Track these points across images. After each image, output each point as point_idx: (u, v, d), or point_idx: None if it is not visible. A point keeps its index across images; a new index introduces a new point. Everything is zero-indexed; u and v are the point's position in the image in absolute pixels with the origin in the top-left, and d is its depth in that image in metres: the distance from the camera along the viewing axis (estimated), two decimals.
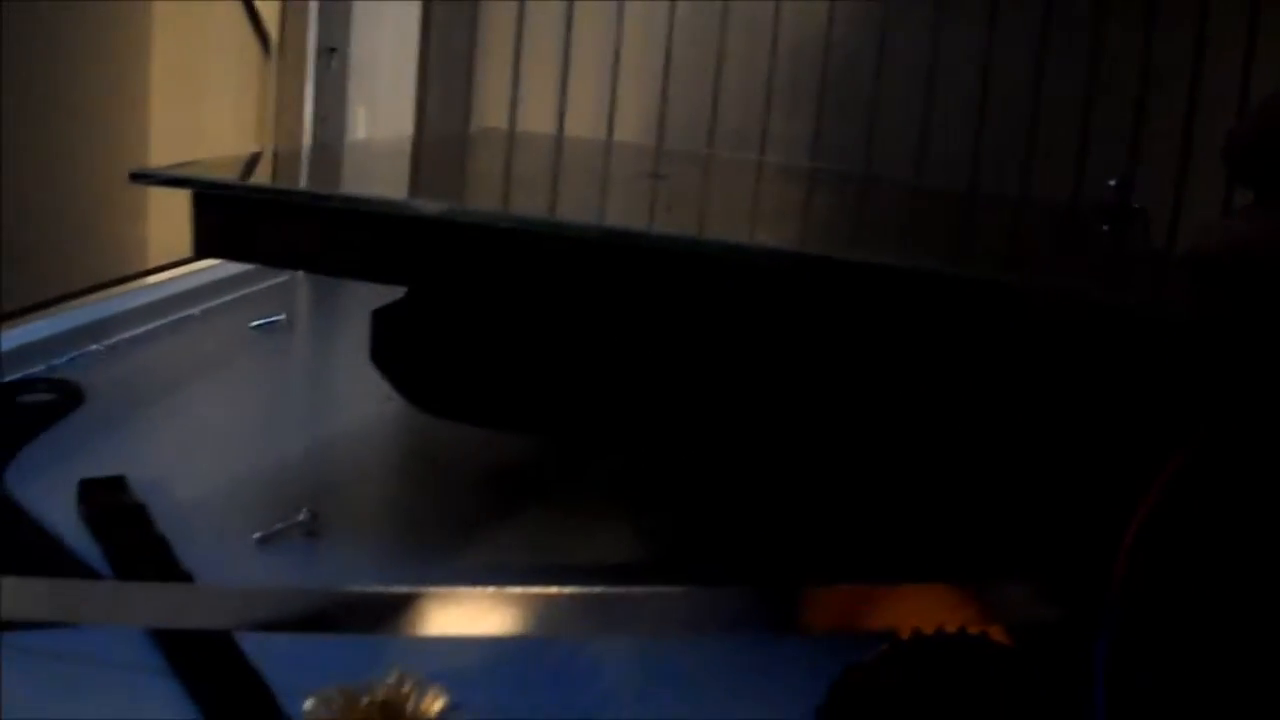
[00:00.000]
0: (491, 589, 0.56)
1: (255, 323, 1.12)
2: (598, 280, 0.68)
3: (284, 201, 0.73)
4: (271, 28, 1.30)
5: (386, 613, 0.57)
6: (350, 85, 1.34)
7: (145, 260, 1.16)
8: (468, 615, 0.57)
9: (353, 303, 1.16)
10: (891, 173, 1.21)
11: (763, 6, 1.24)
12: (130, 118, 1.12)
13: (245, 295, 1.20)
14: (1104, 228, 0.98)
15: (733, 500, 0.80)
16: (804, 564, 0.72)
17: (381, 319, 0.79)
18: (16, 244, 0.99)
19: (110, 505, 0.75)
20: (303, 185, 0.89)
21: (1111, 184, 1.06)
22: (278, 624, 0.59)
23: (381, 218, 0.71)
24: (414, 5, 1.33)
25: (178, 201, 0.77)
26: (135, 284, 1.14)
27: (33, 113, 1.00)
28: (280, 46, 1.30)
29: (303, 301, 1.24)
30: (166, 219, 1.12)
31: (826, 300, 0.66)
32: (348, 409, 1.00)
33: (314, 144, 1.30)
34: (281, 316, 1.14)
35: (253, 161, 1.08)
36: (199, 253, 0.74)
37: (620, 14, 1.27)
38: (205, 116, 1.24)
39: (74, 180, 1.06)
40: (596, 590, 0.56)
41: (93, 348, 1.02)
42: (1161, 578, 0.48)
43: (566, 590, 0.55)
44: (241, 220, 0.73)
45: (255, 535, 0.73)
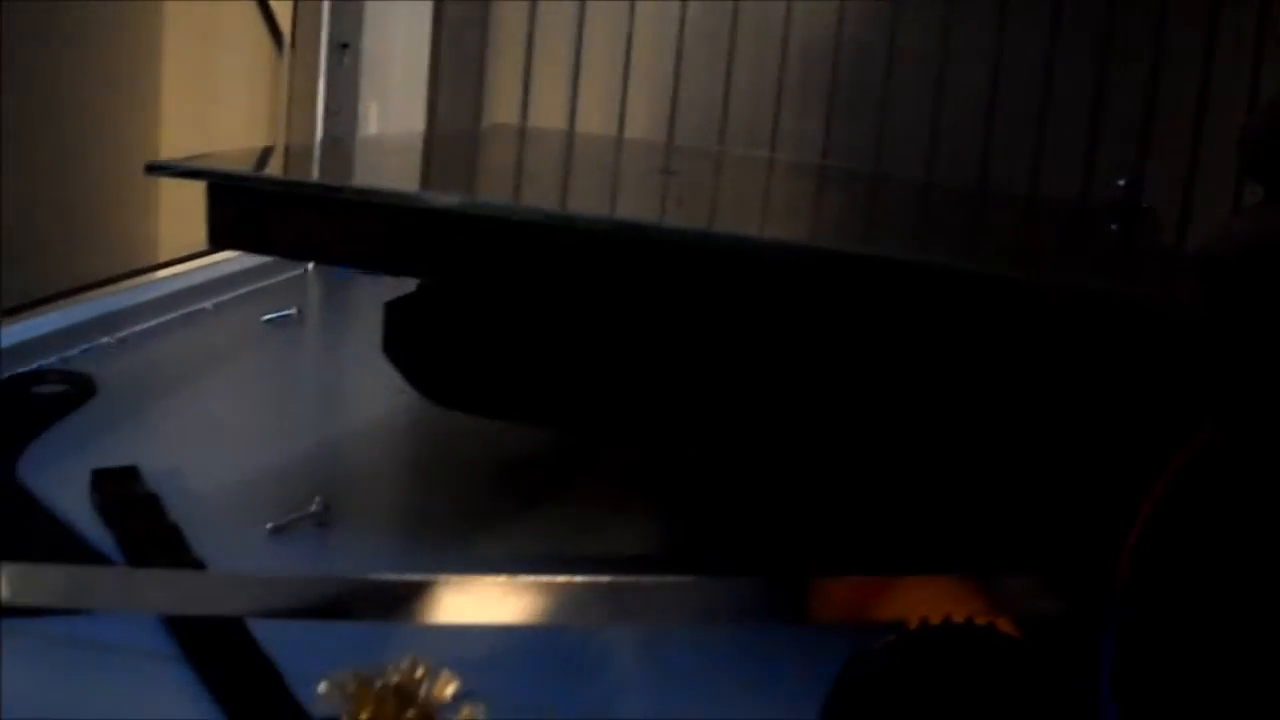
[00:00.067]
0: (502, 578, 0.56)
1: (267, 316, 1.13)
2: (609, 273, 0.69)
3: (298, 193, 0.74)
4: (284, 23, 1.30)
5: (398, 601, 0.57)
6: (362, 81, 1.34)
7: (156, 256, 1.16)
8: (479, 603, 0.57)
9: (364, 297, 1.17)
10: (901, 171, 1.21)
11: (774, 5, 1.24)
12: (142, 114, 1.12)
13: (257, 289, 1.20)
14: (1113, 226, 0.99)
15: (743, 492, 0.80)
16: (814, 556, 0.72)
17: (394, 311, 0.79)
18: (29, 238, 0.99)
19: (123, 495, 0.75)
20: (316, 177, 0.90)
21: (1121, 183, 1.06)
22: (290, 611, 0.60)
23: (395, 209, 0.71)
24: (426, 2, 1.32)
25: (188, 197, 0.77)
26: (147, 278, 1.15)
27: (45, 108, 1.00)
28: (293, 42, 1.31)
29: (314, 296, 1.24)
30: (177, 215, 1.12)
31: (836, 294, 0.66)
32: (359, 401, 1.01)
33: (326, 138, 1.30)
34: (293, 310, 1.14)
35: (266, 154, 1.08)
36: (214, 243, 0.74)
37: (631, 11, 1.27)
38: (217, 112, 1.24)
39: (86, 176, 1.06)
40: (607, 579, 0.56)
41: (105, 340, 1.03)
42: (1167, 571, 0.49)
43: (577, 579, 0.55)
44: (256, 211, 0.73)
45: (268, 525, 0.73)
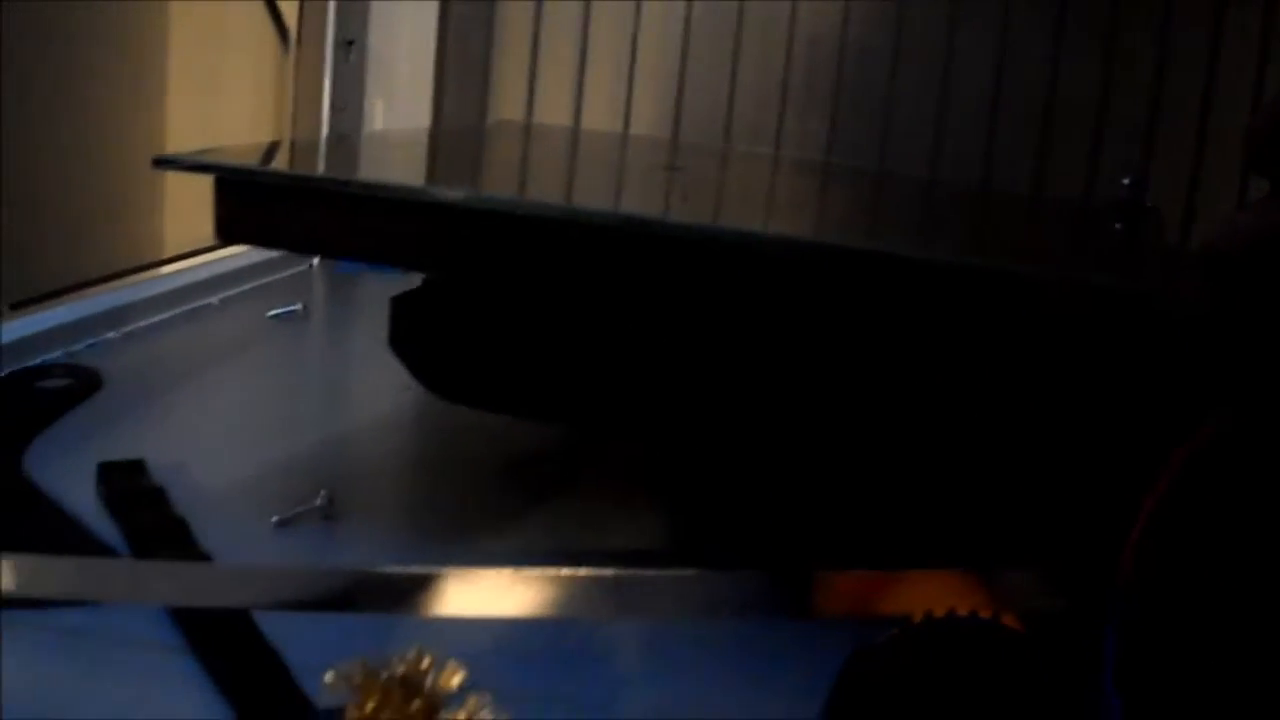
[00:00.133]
0: (506, 570, 0.57)
1: (272, 312, 1.13)
2: (615, 267, 0.69)
3: (306, 187, 0.74)
4: (290, 21, 1.30)
5: (403, 593, 0.57)
6: (368, 78, 1.34)
7: (161, 253, 1.16)
8: (483, 596, 0.58)
9: (369, 294, 1.17)
10: (906, 170, 1.21)
11: (779, 5, 1.24)
12: (148, 111, 1.12)
13: (262, 285, 1.20)
14: (1117, 225, 0.99)
15: (748, 486, 0.80)
16: (818, 550, 0.72)
17: (400, 305, 0.79)
18: (35, 234, 0.99)
19: (129, 488, 0.75)
20: (323, 172, 0.90)
21: (1125, 182, 1.06)
22: (295, 604, 0.60)
23: (402, 203, 0.71)
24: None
25: (193, 194, 0.77)
26: (152, 273, 1.15)
27: (51, 105, 1.00)
28: (298, 39, 1.31)
29: (319, 292, 1.24)
30: (182, 212, 1.12)
31: (841, 289, 0.67)
32: (364, 396, 1.01)
33: (332, 134, 1.30)
34: (298, 306, 1.14)
35: (273, 149, 1.08)
36: (220, 237, 0.74)
37: (637, 10, 1.27)
38: (223, 110, 1.24)
39: (92, 172, 1.06)
40: (611, 572, 0.56)
41: (110, 335, 1.03)
42: (1170, 566, 0.49)
43: (582, 572, 0.56)
44: (263, 205, 0.73)
45: (273, 519, 0.73)
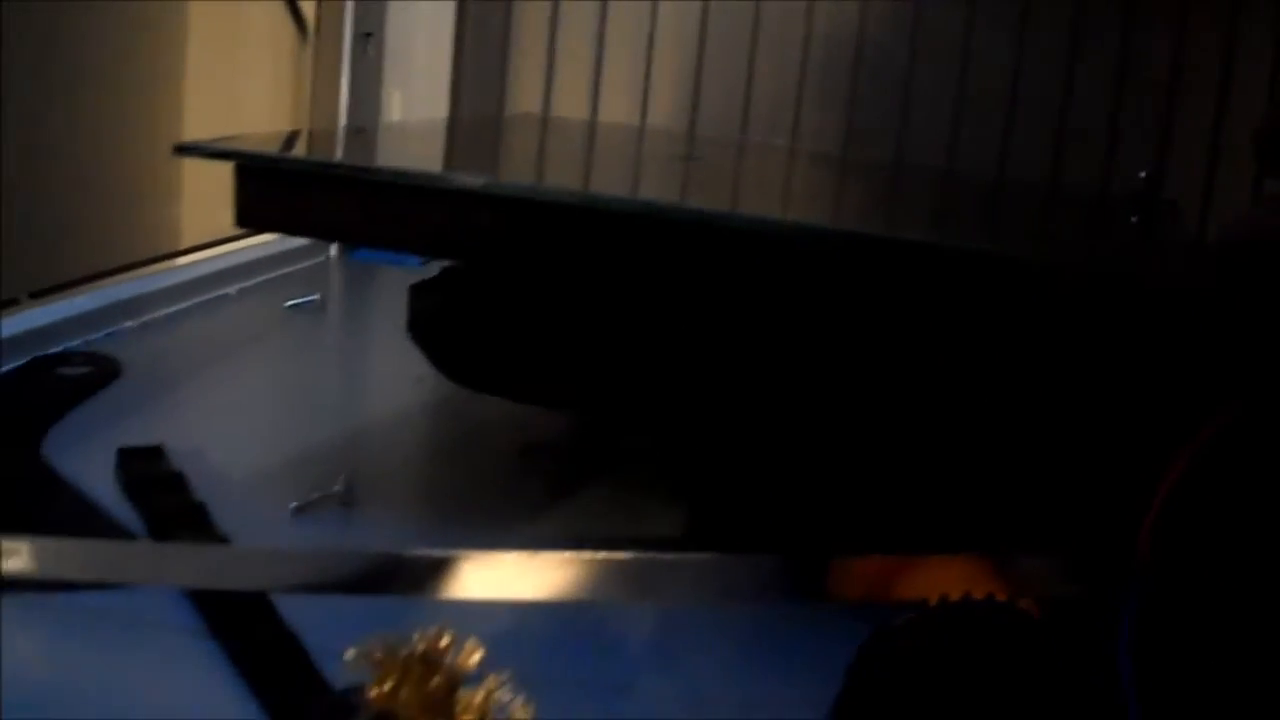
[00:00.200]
0: (525, 553, 0.57)
1: (290, 303, 1.13)
2: (634, 254, 0.69)
3: (327, 173, 0.74)
4: (308, 13, 1.30)
5: (421, 576, 0.58)
6: (386, 72, 1.34)
7: (179, 243, 1.16)
8: (501, 579, 0.58)
9: (386, 285, 1.17)
10: (922, 163, 1.21)
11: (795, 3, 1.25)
12: (167, 104, 1.12)
13: (280, 276, 1.21)
14: (1133, 218, 0.99)
15: (765, 473, 0.80)
16: (836, 536, 0.72)
17: (419, 293, 0.79)
18: (54, 224, 1.00)
19: (148, 473, 0.76)
20: (343, 159, 0.90)
21: (1142, 175, 1.06)
22: (315, 586, 0.60)
23: (422, 190, 0.71)
24: None
25: (211, 186, 0.77)
26: (170, 263, 1.15)
27: (71, 97, 1.01)
28: (317, 32, 1.31)
29: (337, 283, 1.24)
30: (200, 203, 1.13)
31: (858, 276, 0.67)
32: (382, 385, 1.01)
33: (351, 124, 1.30)
34: (316, 297, 1.15)
35: (292, 138, 1.09)
36: (241, 224, 0.75)
37: (654, 5, 1.28)
38: (242, 102, 1.24)
39: (111, 164, 1.07)
40: (629, 556, 0.56)
41: (128, 324, 1.03)
42: (1186, 550, 0.49)
43: (600, 556, 0.56)
44: (284, 192, 0.73)
45: (291, 505, 0.74)
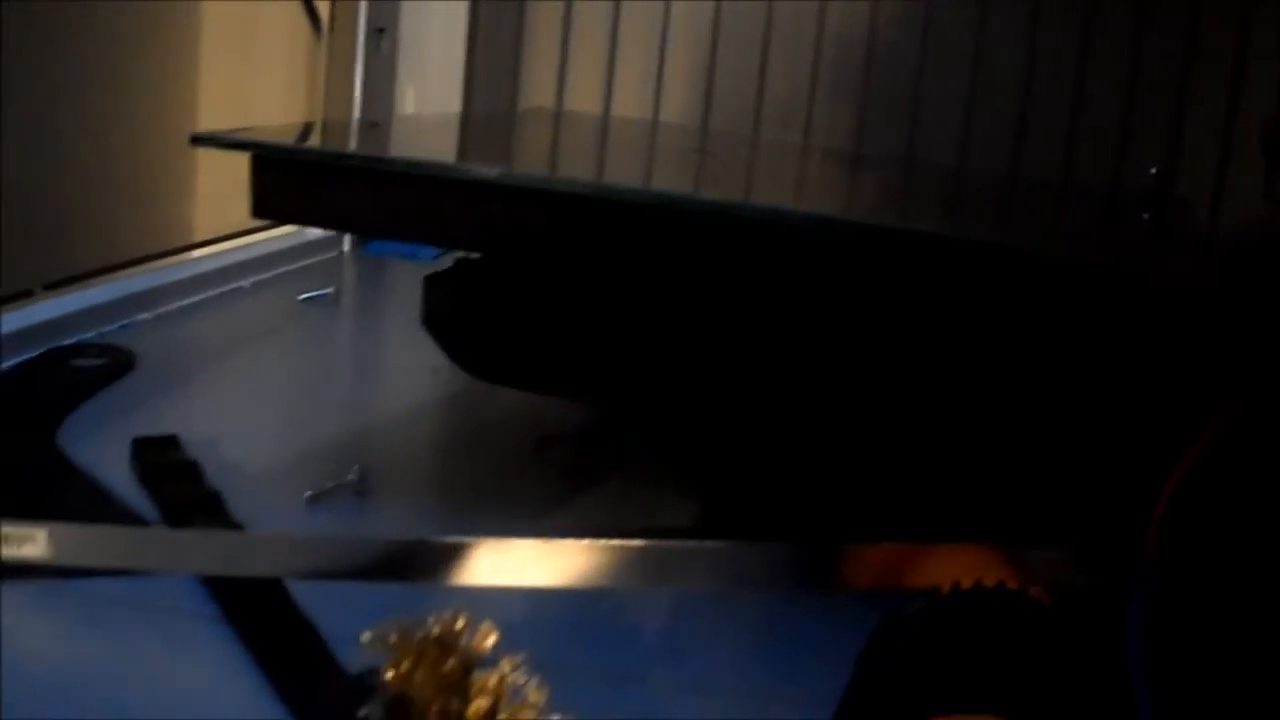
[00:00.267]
0: (540, 540, 0.57)
1: (304, 295, 1.14)
2: (649, 245, 0.69)
3: (343, 164, 0.74)
4: (322, 8, 1.31)
5: (435, 562, 0.58)
6: (399, 67, 1.35)
7: (192, 237, 1.17)
8: (514, 566, 0.58)
9: (400, 279, 1.18)
10: (934, 160, 1.21)
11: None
12: (181, 99, 1.13)
13: (294, 270, 1.21)
14: (1144, 215, 0.99)
15: (777, 462, 0.80)
16: (848, 524, 0.72)
17: (433, 284, 0.80)
18: (67, 217, 1.00)
19: (163, 462, 0.76)
20: (359, 150, 0.90)
21: (1152, 172, 1.07)
22: (330, 573, 0.61)
23: (438, 180, 0.71)
24: None
25: (224, 180, 0.78)
26: (184, 256, 1.16)
27: (86, 91, 1.01)
28: (331, 27, 1.31)
29: (351, 277, 1.25)
30: (213, 198, 1.13)
31: (871, 266, 0.67)
32: (397, 378, 1.02)
33: (365, 116, 1.31)
34: (330, 290, 1.15)
35: (308, 129, 1.09)
36: (257, 215, 0.75)
37: (667, 3, 1.28)
38: (255, 97, 1.24)
39: (125, 157, 1.07)
40: (642, 543, 0.57)
41: (143, 316, 1.04)
42: (1194, 544, 0.49)
43: (614, 542, 0.56)
44: (300, 182, 0.73)
45: (306, 494, 0.74)
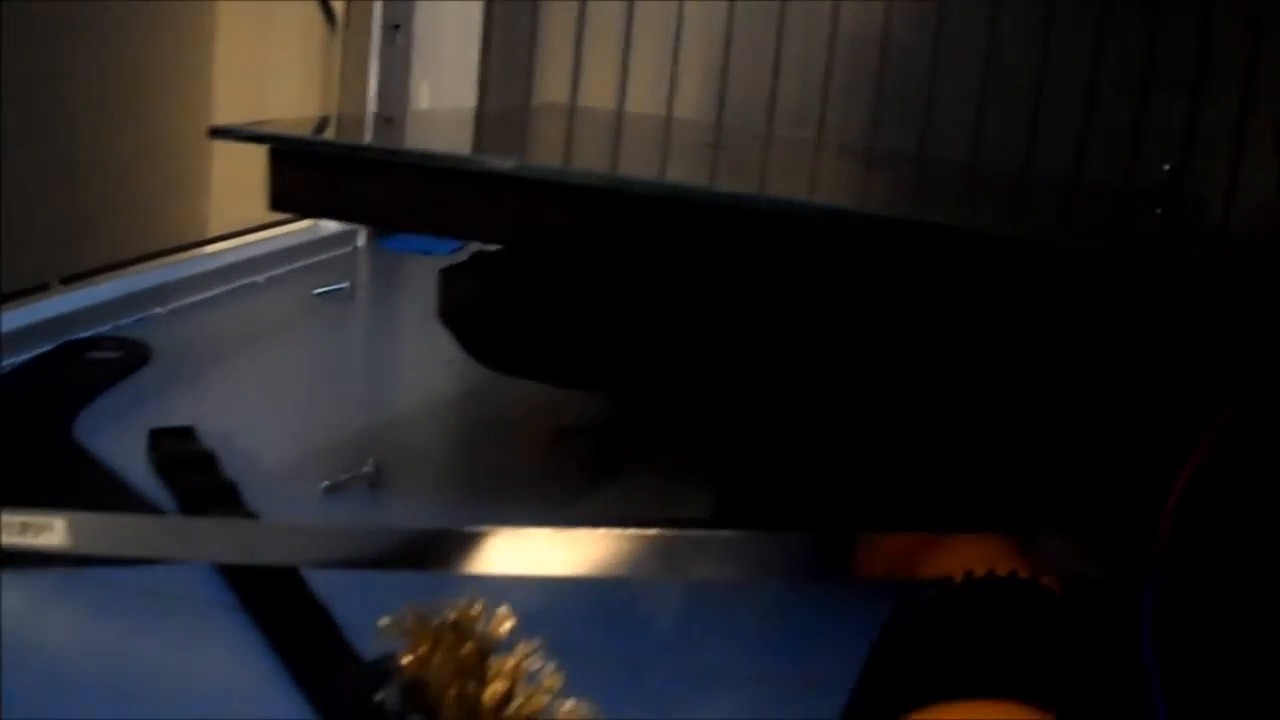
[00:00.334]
0: (556, 529, 0.58)
1: (319, 290, 1.14)
2: (664, 237, 0.69)
3: (359, 157, 0.75)
4: (337, 5, 1.31)
5: (451, 551, 0.58)
6: (414, 63, 1.35)
7: (206, 231, 1.17)
8: (530, 555, 0.59)
9: (414, 273, 1.18)
10: (947, 157, 1.21)
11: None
12: (197, 95, 1.13)
13: (308, 264, 1.21)
14: (1157, 210, 0.99)
15: (791, 453, 0.80)
16: (862, 515, 0.72)
17: (449, 277, 0.80)
18: (86, 212, 1.01)
19: (180, 453, 0.77)
20: (376, 143, 0.91)
21: (1165, 168, 1.07)
22: (347, 562, 0.61)
23: (454, 173, 0.72)
24: None
25: (239, 175, 0.78)
26: (199, 251, 1.16)
27: (102, 87, 1.02)
28: (345, 23, 1.32)
29: (365, 271, 1.25)
30: (228, 193, 1.14)
31: (885, 258, 0.67)
32: (412, 369, 1.02)
33: (380, 111, 1.31)
34: (345, 284, 1.16)
35: (324, 124, 1.09)
36: (275, 208, 0.75)
37: (681, 2, 1.28)
38: (271, 93, 1.25)
39: (141, 153, 1.08)
40: (658, 533, 0.57)
41: (158, 310, 1.04)
42: (1205, 534, 0.49)
43: (630, 531, 0.57)
44: (317, 175, 0.74)
45: (321, 485, 0.74)
